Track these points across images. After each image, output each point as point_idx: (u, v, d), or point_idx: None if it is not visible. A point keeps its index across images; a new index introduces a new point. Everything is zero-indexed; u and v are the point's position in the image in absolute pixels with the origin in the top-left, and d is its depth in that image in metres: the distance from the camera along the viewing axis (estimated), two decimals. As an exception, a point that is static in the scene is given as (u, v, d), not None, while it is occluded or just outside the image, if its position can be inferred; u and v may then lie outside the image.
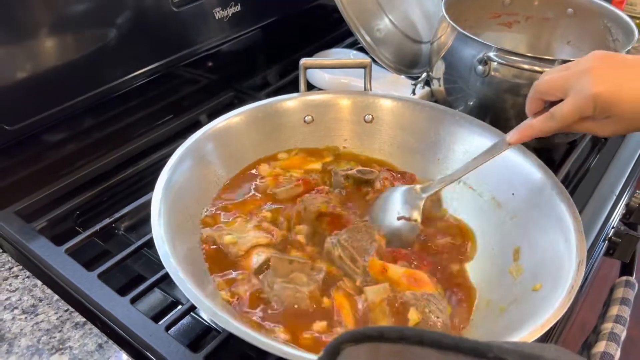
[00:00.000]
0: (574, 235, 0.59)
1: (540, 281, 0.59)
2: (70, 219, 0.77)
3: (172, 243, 0.57)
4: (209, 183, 0.70)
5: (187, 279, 0.53)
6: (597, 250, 0.77)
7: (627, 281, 0.81)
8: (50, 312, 0.62)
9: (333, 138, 0.81)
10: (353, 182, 0.76)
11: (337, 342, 0.33)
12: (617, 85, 0.57)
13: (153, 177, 0.65)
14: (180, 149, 0.69)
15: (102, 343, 0.59)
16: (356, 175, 0.75)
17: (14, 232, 0.70)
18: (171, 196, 0.63)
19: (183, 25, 0.91)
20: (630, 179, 0.85)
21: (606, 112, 0.59)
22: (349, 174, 0.75)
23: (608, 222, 0.79)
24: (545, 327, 0.50)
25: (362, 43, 0.92)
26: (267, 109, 0.77)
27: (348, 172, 0.75)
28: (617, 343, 0.71)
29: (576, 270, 0.55)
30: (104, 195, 0.80)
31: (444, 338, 0.31)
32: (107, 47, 0.82)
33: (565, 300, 0.52)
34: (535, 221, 0.66)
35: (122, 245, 0.70)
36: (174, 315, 0.61)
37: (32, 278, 0.66)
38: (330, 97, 0.81)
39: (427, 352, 0.32)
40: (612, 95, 0.57)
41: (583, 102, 0.59)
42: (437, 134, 0.78)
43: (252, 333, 0.48)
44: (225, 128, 0.74)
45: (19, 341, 0.58)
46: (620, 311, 0.77)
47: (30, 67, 0.74)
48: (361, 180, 0.75)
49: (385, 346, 0.33)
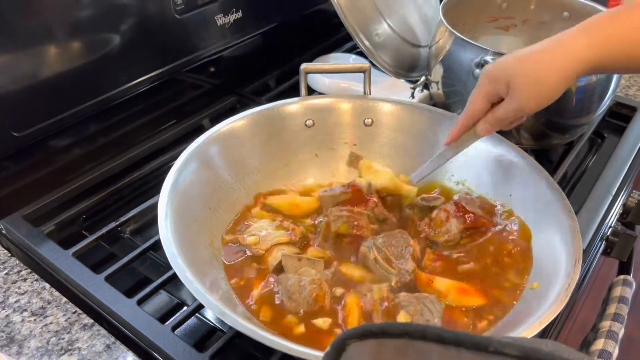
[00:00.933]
0: (570, 234, 0.61)
1: (538, 280, 0.60)
2: (77, 223, 0.78)
3: (179, 244, 0.58)
4: (214, 185, 0.72)
5: (195, 279, 0.54)
6: (594, 250, 0.78)
7: (624, 280, 0.82)
8: (58, 314, 0.63)
9: (333, 142, 0.82)
10: (419, 211, 0.75)
11: (342, 338, 0.34)
12: (501, 61, 0.65)
13: (157, 181, 0.66)
14: (186, 152, 0.70)
15: (110, 344, 0.60)
16: (420, 204, 0.74)
17: (22, 236, 0.71)
18: (177, 198, 0.64)
19: (185, 32, 0.93)
20: (626, 179, 0.86)
21: (499, 81, 0.63)
22: (413, 203, 0.75)
23: (605, 221, 0.80)
24: (543, 324, 0.51)
25: (361, 47, 0.93)
26: (269, 113, 0.79)
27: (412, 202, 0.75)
28: (615, 341, 0.72)
29: (572, 269, 0.56)
30: (110, 199, 0.82)
31: (445, 333, 0.32)
32: (112, 54, 0.83)
33: (562, 298, 0.53)
34: (531, 221, 0.67)
35: (128, 249, 0.72)
36: (180, 316, 0.62)
37: (41, 281, 0.67)
38: (330, 101, 0.82)
39: (429, 347, 0.33)
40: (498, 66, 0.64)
41: (479, 81, 0.66)
42: (435, 137, 0.79)
43: (259, 331, 0.49)
44: (230, 131, 0.75)
45: (28, 343, 0.60)
46: (619, 309, 0.78)
47: (37, 75, 0.75)
48: (427, 207, 0.74)
49: (389, 342, 0.34)
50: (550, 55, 0.61)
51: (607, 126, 1.01)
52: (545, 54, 0.62)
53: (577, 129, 0.90)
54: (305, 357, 0.48)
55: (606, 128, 1.01)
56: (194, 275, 0.54)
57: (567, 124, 0.87)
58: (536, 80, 0.62)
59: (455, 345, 0.32)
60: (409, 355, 0.33)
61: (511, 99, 0.64)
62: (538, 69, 0.61)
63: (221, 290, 0.60)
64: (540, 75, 0.61)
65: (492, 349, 0.31)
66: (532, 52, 0.63)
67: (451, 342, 0.32)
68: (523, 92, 0.63)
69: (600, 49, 0.60)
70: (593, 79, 0.81)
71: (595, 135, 0.98)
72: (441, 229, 0.70)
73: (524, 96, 0.63)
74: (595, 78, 0.81)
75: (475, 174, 0.76)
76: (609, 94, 0.86)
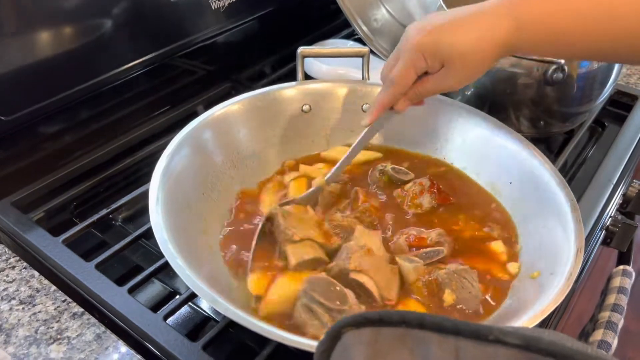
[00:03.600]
0: (571, 223, 0.59)
1: (538, 269, 0.59)
2: (68, 210, 0.77)
3: (170, 230, 0.57)
4: (207, 171, 0.70)
5: (186, 265, 0.52)
6: (594, 239, 0.78)
7: (624, 270, 0.81)
8: (47, 303, 0.62)
9: (330, 127, 0.80)
10: (387, 180, 0.75)
11: (338, 326, 0.33)
12: (433, 32, 0.60)
13: (150, 168, 0.65)
14: (178, 136, 0.69)
15: (100, 333, 0.59)
16: (390, 173, 0.74)
17: (11, 223, 0.69)
18: (169, 183, 0.62)
19: (179, 16, 0.91)
20: (627, 169, 0.85)
21: (435, 57, 0.60)
22: (385, 170, 0.75)
23: (605, 211, 0.79)
24: (544, 313, 0.50)
25: (359, 33, 0.92)
26: (265, 98, 0.77)
27: (384, 169, 0.75)
28: (614, 332, 0.72)
29: (574, 258, 0.55)
30: (101, 186, 0.80)
31: (444, 321, 0.31)
32: (103, 37, 0.81)
33: (564, 287, 0.52)
34: (533, 210, 0.66)
35: (120, 236, 0.70)
36: (172, 305, 0.61)
37: (29, 269, 0.66)
38: (327, 86, 0.80)
39: (428, 336, 0.32)
40: (433, 39, 0.60)
41: (411, 55, 0.61)
42: (435, 123, 0.78)
43: (252, 320, 0.48)
44: (224, 116, 0.74)
45: (16, 331, 0.58)
46: (618, 300, 0.77)
47: (26, 58, 0.74)
48: (395, 179, 0.74)
49: (386, 330, 0.33)
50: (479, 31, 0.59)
51: (607, 115, 1.00)
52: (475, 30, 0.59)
53: (577, 117, 0.88)
54: (299, 346, 0.47)
55: (607, 117, 1.00)
56: (185, 262, 0.53)
57: (567, 112, 0.86)
58: (470, 62, 0.60)
59: (454, 334, 0.31)
60: (406, 344, 0.32)
61: (444, 78, 0.62)
62: (472, 47, 0.59)
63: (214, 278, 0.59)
64: (473, 54, 0.59)
65: (492, 338, 0.30)
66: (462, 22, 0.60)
67: (450, 330, 0.31)
68: (458, 73, 0.61)
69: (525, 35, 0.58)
70: (594, 66, 0.80)
71: (595, 123, 0.97)
72: (414, 201, 0.71)
73: (458, 77, 0.61)
74: (596, 65, 0.80)
75: (476, 161, 0.74)
76: (610, 82, 0.85)
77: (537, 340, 0.29)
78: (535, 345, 0.29)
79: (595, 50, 0.59)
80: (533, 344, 0.29)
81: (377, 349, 0.33)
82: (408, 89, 0.65)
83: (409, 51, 0.62)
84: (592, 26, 0.56)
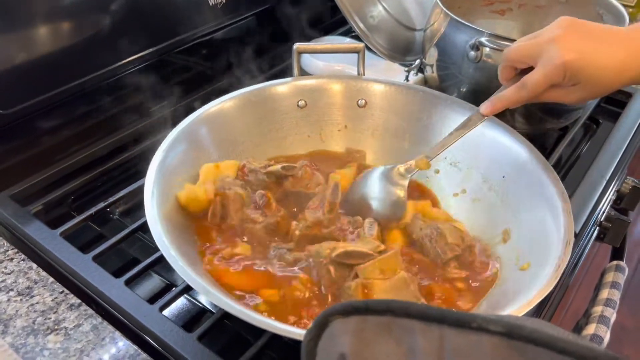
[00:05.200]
0: (562, 216, 0.60)
1: (528, 260, 0.59)
2: (65, 204, 0.77)
3: (165, 223, 0.57)
4: (202, 166, 0.70)
5: (180, 257, 0.53)
6: (587, 234, 0.78)
7: (617, 265, 0.82)
8: (45, 294, 0.62)
9: (326, 123, 0.81)
10: (275, 179, 0.72)
11: (325, 314, 0.34)
12: (584, 53, 0.60)
13: (147, 162, 0.66)
14: (174, 131, 0.69)
15: (97, 324, 0.59)
16: (279, 172, 0.72)
17: (9, 215, 0.70)
18: (164, 178, 0.63)
19: (177, 12, 0.91)
20: (620, 165, 0.86)
21: (574, 79, 0.61)
22: (272, 170, 0.72)
23: (598, 206, 0.79)
24: (531, 303, 0.50)
25: (356, 30, 0.92)
26: (260, 93, 0.78)
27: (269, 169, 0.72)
28: (606, 326, 0.72)
29: (564, 249, 0.56)
30: (99, 180, 0.81)
31: (429, 310, 0.32)
32: (101, 32, 0.82)
33: (552, 279, 0.53)
34: (524, 203, 0.66)
35: (117, 230, 0.71)
36: (168, 297, 0.62)
37: (27, 261, 0.66)
38: (323, 81, 0.81)
39: (413, 324, 0.32)
40: (580, 63, 0.60)
41: (553, 71, 0.61)
42: (429, 119, 0.79)
43: (246, 311, 0.49)
44: (219, 112, 0.74)
45: (14, 322, 0.59)
46: (611, 295, 0.78)
47: (25, 52, 0.74)
48: (283, 175, 0.72)
49: (372, 318, 0.33)
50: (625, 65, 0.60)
51: (602, 112, 1.00)
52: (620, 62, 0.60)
53: (572, 114, 0.89)
54: (294, 336, 0.48)
55: (601, 114, 1.00)
56: (179, 255, 0.54)
57: (561, 108, 0.86)
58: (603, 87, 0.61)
59: (438, 322, 0.32)
60: (392, 332, 0.33)
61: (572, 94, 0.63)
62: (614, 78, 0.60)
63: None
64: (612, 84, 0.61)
65: (476, 325, 0.30)
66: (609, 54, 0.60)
67: (434, 319, 0.32)
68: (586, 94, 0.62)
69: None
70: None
71: (590, 120, 0.98)
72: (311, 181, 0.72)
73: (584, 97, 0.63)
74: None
75: (469, 155, 0.75)
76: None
77: (520, 327, 0.30)
78: (517, 333, 0.29)
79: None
80: (516, 332, 0.29)
81: (363, 337, 0.33)
82: (535, 98, 0.66)
83: (554, 67, 0.61)
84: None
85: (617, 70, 0.60)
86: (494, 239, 0.67)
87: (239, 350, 0.56)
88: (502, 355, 0.30)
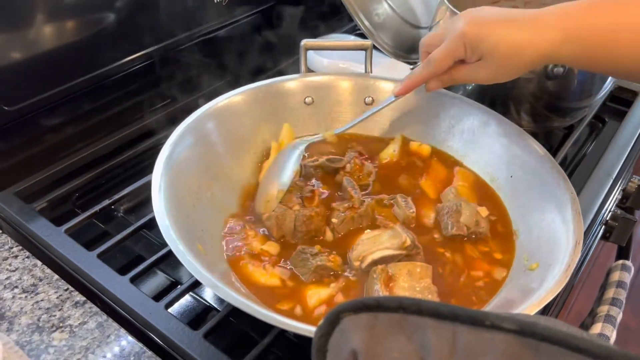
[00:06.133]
0: (571, 215, 0.60)
1: (537, 260, 0.59)
2: (70, 201, 0.77)
3: (172, 217, 0.57)
4: (209, 161, 0.70)
5: (188, 252, 0.53)
6: (593, 233, 0.78)
7: (623, 265, 0.81)
8: (50, 291, 0.62)
9: (333, 120, 0.81)
10: (323, 172, 0.75)
11: (336, 311, 0.33)
12: (482, 25, 0.61)
13: (151, 160, 0.65)
14: (181, 126, 0.69)
15: (102, 321, 0.59)
16: (325, 164, 0.74)
17: (14, 212, 0.70)
18: (172, 172, 0.63)
19: (181, 9, 0.91)
20: (626, 164, 0.86)
21: (476, 52, 0.62)
22: (319, 164, 0.75)
23: (605, 205, 0.79)
24: (541, 303, 0.50)
25: (361, 28, 0.92)
26: (268, 89, 0.78)
27: (317, 163, 0.75)
28: (613, 325, 0.72)
29: (573, 250, 0.56)
30: (104, 177, 0.81)
31: (441, 307, 0.32)
32: (105, 30, 0.81)
33: (562, 278, 0.53)
34: (533, 202, 0.66)
35: (122, 227, 0.70)
36: (174, 294, 0.61)
37: (32, 258, 0.66)
38: (331, 78, 0.81)
39: (424, 321, 0.32)
40: (479, 33, 0.61)
41: (453, 42, 0.63)
42: (436, 117, 0.78)
43: (253, 305, 0.48)
44: (226, 107, 0.74)
45: (19, 319, 0.59)
46: (617, 294, 0.77)
47: (29, 49, 0.74)
48: (331, 168, 0.74)
49: (383, 315, 0.33)
50: (529, 36, 0.59)
51: (607, 110, 1.00)
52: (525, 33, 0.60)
53: (577, 112, 0.89)
54: (301, 332, 0.48)
55: (607, 112, 1.00)
56: (187, 249, 0.53)
57: (567, 107, 0.86)
58: (509, 61, 0.61)
59: (451, 320, 0.31)
60: (403, 329, 0.33)
61: (478, 69, 0.63)
62: (516, 48, 0.60)
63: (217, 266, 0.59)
64: (515, 55, 0.60)
65: (489, 323, 0.30)
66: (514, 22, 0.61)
67: (447, 316, 0.31)
68: (493, 68, 0.62)
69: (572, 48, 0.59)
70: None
71: (595, 119, 0.97)
72: (362, 172, 0.74)
73: (492, 72, 0.63)
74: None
75: (476, 153, 0.75)
76: (610, 77, 0.85)
77: (533, 325, 0.29)
78: (530, 330, 0.29)
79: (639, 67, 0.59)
80: (528, 329, 0.29)
81: (374, 334, 0.33)
82: (442, 72, 0.66)
83: (453, 38, 0.63)
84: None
85: (516, 47, 0.60)
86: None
87: (245, 348, 0.56)
88: (515, 352, 0.30)
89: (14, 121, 0.75)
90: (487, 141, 0.74)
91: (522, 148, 0.71)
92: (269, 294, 0.59)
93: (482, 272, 0.63)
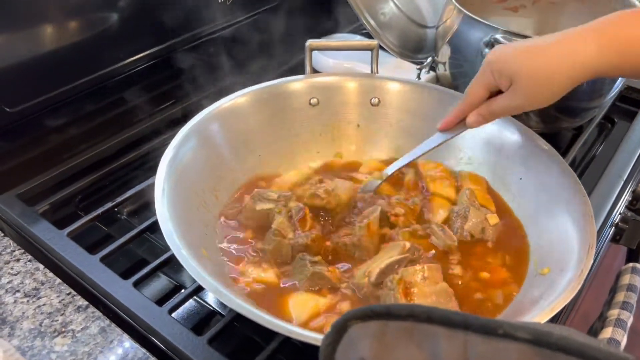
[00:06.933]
0: (582, 219, 0.59)
1: (548, 265, 0.58)
2: (72, 204, 0.77)
3: (175, 221, 0.56)
4: (214, 163, 0.70)
5: (191, 257, 0.52)
6: (604, 236, 0.77)
7: (633, 267, 0.80)
8: (52, 296, 0.61)
9: (339, 121, 0.80)
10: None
11: (344, 319, 0.32)
12: (505, 51, 0.62)
13: (155, 162, 0.65)
14: (185, 128, 0.68)
15: (105, 326, 0.58)
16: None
17: (16, 215, 0.69)
18: (175, 174, 0.62)
19: (185, 9, 0.91)
20: (637, 165, 0.85)
21: (502, 74, 0.61)
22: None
23: (615, 207, 0.78)
24: (554, 310, 0.49)
25: (367, 27, 0.91)
26: (272, 90, 0.77)
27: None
28: (623, 329, 0.71)
29: (586, 254, 0.54)
30: (107, 179, 0.80)
31: (453, 315, 0.31)
32: (109, 30, 0.81)
33: (575, 284, 0.52)
34: (543, 205, 0.65)
35: (125, 230, 0.70)
36: (178, 299, 0.60)
37: (34, 261, 0.65)
38: (336, 79, 0.80)
39: (435, 330, 0.31)
40: (502, 57, 0.61)
41: (481, 72, 0.63)
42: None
43: (257, 312, 0.48)
44: (231, 108, 0.73)
45: (21, 324, 0.58)
46: (627, 297, 0.76)
47: (32, 50, 0.74)
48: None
49: (393, 323, 0.32)
50: (558, 57, 0.59)
51: (617, 111, 0.99)
52: (552, 55, 0.59)
53: (587, 113, 0.87)
54: (305, 339, 0.47)
55: (616, 113, 0.98)
56: (190, 253, 0.52)
57: (577, 107, 0.85)
58: (541, 82, 0.60)
59: (463, 329, 0.30)
60: (414, 337, 0.32)
61: (512, 96, 0.62)
62: (545, 69, 0.59)
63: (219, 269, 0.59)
64: (545, 77, 0.59)
65: (502, 332, 0.29)
66: (538, 48, 0.60)
67: (459, 324, 0.30)
68: (525, 91, 0.61)
69: (610, 59, 0.58)
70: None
71: (605, 120, 0.96)
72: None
73: (526, 95, 0.61)
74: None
75: (484, 156, 0.74)
76: (619, 78, 0.83)
77: (547, 334, 0.28)
78: (545, 340, 0.28)
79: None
80: (543, 339, 0.28)
81: (384, 343, 0.32)
82: (479, 103, 0.65)
83: (481, 68, 0.63)
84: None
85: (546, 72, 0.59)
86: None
87: (250, 354, 0.55)
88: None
89: (16, 123, 0.74)
90: (496, 143, 0.73)
91: (531, 149, 0.70)
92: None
93: (494, 277, 0.62)
